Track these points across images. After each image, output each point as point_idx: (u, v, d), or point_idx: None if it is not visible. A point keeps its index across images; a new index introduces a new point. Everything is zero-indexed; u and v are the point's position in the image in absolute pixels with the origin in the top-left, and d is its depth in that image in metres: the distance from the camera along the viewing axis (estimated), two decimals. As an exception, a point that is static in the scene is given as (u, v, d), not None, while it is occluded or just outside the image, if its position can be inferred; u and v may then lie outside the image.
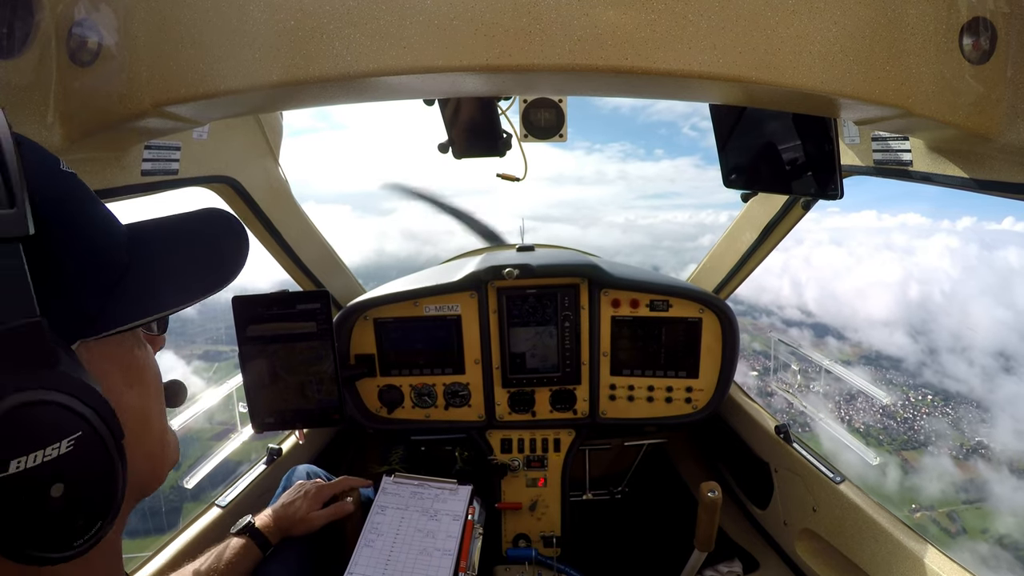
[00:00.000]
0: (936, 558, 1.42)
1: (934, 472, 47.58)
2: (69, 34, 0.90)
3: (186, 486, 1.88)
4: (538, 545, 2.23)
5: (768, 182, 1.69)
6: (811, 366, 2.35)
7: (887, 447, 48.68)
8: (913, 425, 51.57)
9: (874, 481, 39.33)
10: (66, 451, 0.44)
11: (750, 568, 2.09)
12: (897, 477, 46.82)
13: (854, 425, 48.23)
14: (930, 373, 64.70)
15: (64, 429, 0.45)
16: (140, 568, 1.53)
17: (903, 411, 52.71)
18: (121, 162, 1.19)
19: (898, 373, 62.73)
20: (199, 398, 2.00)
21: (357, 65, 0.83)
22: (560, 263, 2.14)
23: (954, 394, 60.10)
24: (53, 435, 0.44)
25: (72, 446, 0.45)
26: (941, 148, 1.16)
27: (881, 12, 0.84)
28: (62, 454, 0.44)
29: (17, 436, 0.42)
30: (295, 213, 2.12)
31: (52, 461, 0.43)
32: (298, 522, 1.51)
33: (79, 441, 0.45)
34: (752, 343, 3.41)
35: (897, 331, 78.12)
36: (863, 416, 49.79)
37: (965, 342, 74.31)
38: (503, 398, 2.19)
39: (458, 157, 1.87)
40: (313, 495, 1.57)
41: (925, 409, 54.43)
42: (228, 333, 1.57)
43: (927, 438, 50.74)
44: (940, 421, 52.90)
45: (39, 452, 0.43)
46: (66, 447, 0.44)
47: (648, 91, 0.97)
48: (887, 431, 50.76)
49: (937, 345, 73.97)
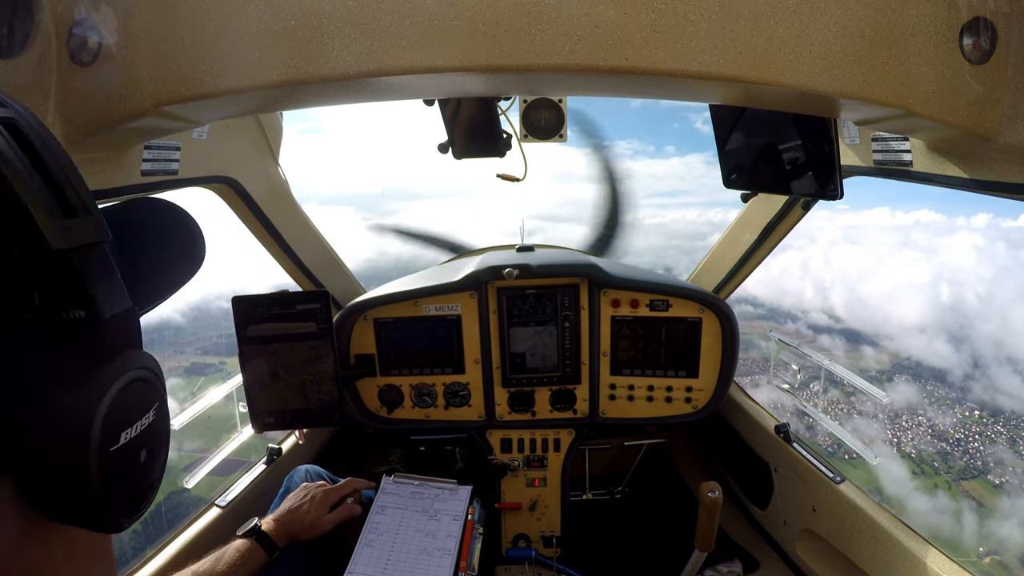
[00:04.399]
0: (936, 558, 1.42)
1: (1006, 508, 40.03)
2: (69, 34, 0.90)
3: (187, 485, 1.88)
4: (538, 545, 2.23)
5: (768, 182, 1.69)
6: (850, 388, 1.97)
7: (943, 476, 42.19)
8: (967, 448, 45.16)
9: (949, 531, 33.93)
10: (151, 420, 0.50)
11: (750, 568, 2.09)
12: (965, 517, 38.73)
13: (904, 450, 43.77)
14: (978, 387, 56.24)
15: (151, 400, 0.51)
16: (140, 568, 1.52)
17: (954, 431, 46.09)
18: (121, 162, 1.19)
19: (941, 385, 55.41)
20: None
21: (357, 65, 0.83)
22: (560, 263, 2.14)
23: (1008, 412, 51.26)
24: (146, 406, 0.50)
25: (154, 415, 0.51)
26: (941, 148, 1.16)
27: (881, 12, 0.84)
28: (150, 423, 0.50)
29: (129, 409, 0.47)
30: (295, 213, 2.12)
31: (145, 430, 0.49)
32: (307, 528, 1.51)
33: (158, 410, 0.52)
34: (780, 353, 2.36)
35: (934, 338, 70.82)
36: (911, 436, 44.82)
37: (1009, 350, 65.95)
38: (503, 398, 2.19)
39: (458, 157, 1.87)
40: (320, 499, 1.57)
41: (977, 428, 47.63)
42: (218, 344, 1.56)
43: (986, 464, 43.68)
44: (997, 443, 45.77)
45: (139, 422, 0.49)
46: (152, 416, 0.50)
47: (648, 91, 0.97)
48: (941, 456, 44.01)
49: (980, 354, 65.34)
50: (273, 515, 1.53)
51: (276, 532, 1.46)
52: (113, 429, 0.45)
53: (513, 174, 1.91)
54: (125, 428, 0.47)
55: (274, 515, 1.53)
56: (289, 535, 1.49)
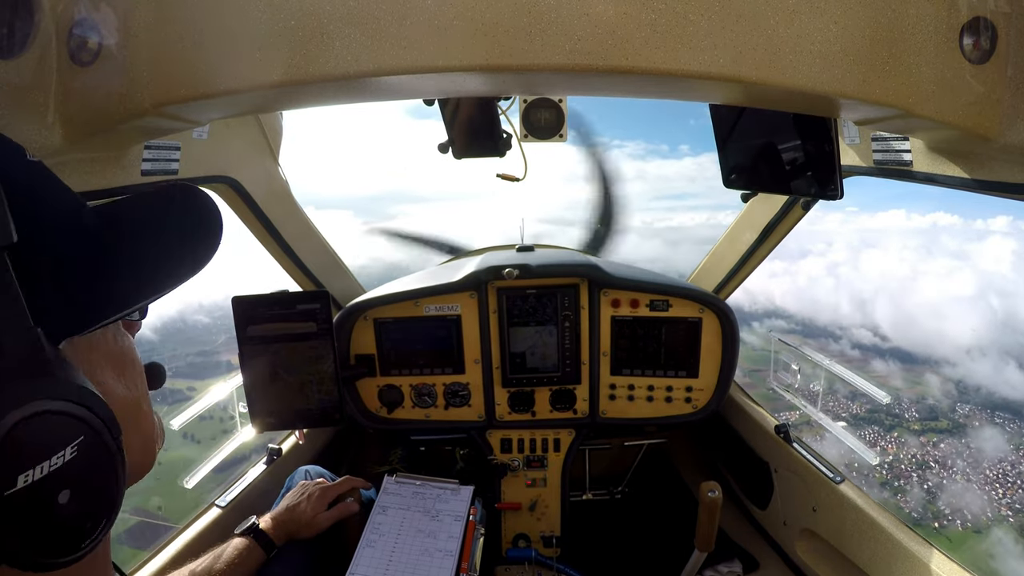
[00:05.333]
0: (936, 558, 1.42)
1: None
2: (69, 34, 0.89)
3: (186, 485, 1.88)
4: (538, 545, 2.23)
5: (768, 182, 1.69)
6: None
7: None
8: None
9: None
10: (70, 457, 0.44)
11: (750, 568, 2.09)
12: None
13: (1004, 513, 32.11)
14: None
15: (66, 436, 0.44)
16: (140, 568, 1.52)
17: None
18: (121, 162, 1.20)
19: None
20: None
21: (357, 65, 0.83)
22: (559, 263, 2.14)
23: None
24: (57, 444, 0.43)
25: (76, 452, 0.45)
26: (941, 148, 1.16)
27: (881, 12, 0.84)
28: (67, 461, 0.44)
29: (22, 451, 0.41)
30: (295, 213, 2.12)
31: (58, 470, 0.43)
32: (304, 526, 1.51)
33: (81, 445, 0.45)
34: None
35: (1002, 363, 53.89)
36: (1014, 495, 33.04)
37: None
38: (503, 398, 2.19)
39: (458, 157, 1.87)
40: (318, 497, 1.57)
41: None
42: (192, 364, 1.52)
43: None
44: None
45: (45, 463, 0.42)
46: (70, 454, 0.44)
47: (648, 91, 0.97)
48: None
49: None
50: (271, 513, 1.53)
51: (274, 530, 1.46)
52: (4, 471, 0.40)
53: (513, 174, 1.91)
54: (23, 470, 0.41)
55: (272, 513, 1.53)
56: (287, 534, 1.49)
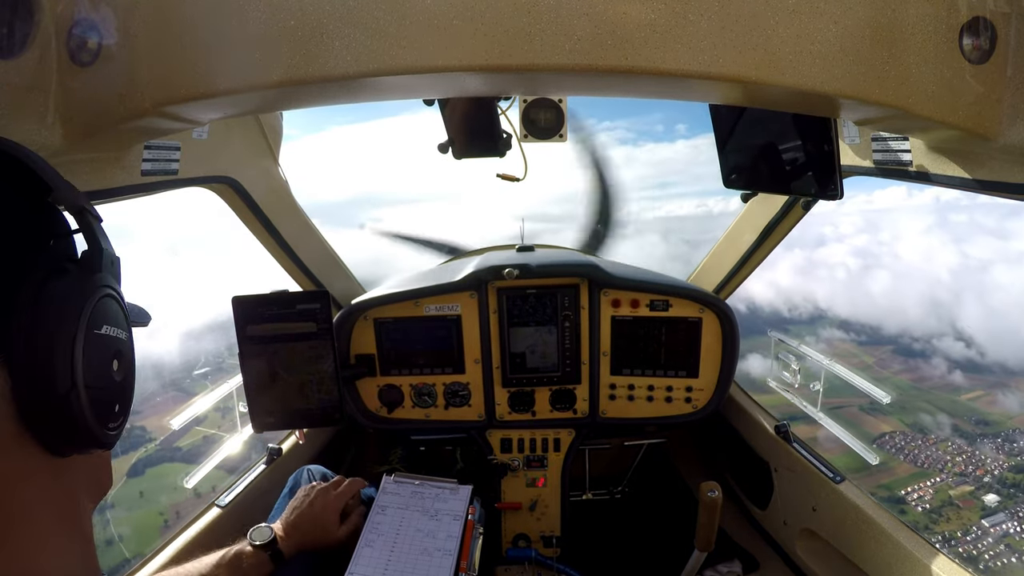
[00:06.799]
0: (936, 558, 1.42)
1: None
2: (69, 34, 0.89)
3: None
4: (538, 545, 2.23)
5: (768, 182, 1.69)
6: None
7: None
8: None
9: None
10: (124, 337, 0.65)
11: (750, 568, 2.09)
12: None
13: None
14: None
15: (123, 323, 0.65)
16: (140, 568, 1.52)
17: None
18: (121, 162, 1.19)
19: None
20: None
21: (357, 65, 0.83)
22: (560, 263, 2.14)
23: None
24: (120, 322, 0.64)
25: (126, 337, 0.65)
26: (941, 148, 1.16)
27: (881, 12, 0.84)
28: (122, 338, 0.64)
29: (107, 312, 0.61)
30: (295, 213, 2.12)
31: (118, 338, 0.63)
32: (324, 546, 1.49)
33: (128, 338, 0.66)
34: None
35: None
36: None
37: None
38: (503, 398, 2.19)
39: (458, 157, 1.87)
40: (331, 510, 1.53)
41: None
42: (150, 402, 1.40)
43: None
44: None
45: (114, 328, 0.62)
46: (124, 335, 0.65)
47: (648, 91, 0.97)
48: None
49: None
50: (281, 522, 1.48)
51: (284, 542, 1.42)
52: (96, 319, 0.59)
53: (513, 174, 1.91)
54: (104, 324, 0.60)
55: (283, 524, 1.47)
56: (299, 546, 1.44)
